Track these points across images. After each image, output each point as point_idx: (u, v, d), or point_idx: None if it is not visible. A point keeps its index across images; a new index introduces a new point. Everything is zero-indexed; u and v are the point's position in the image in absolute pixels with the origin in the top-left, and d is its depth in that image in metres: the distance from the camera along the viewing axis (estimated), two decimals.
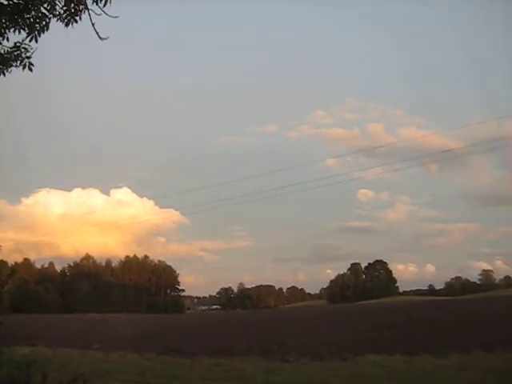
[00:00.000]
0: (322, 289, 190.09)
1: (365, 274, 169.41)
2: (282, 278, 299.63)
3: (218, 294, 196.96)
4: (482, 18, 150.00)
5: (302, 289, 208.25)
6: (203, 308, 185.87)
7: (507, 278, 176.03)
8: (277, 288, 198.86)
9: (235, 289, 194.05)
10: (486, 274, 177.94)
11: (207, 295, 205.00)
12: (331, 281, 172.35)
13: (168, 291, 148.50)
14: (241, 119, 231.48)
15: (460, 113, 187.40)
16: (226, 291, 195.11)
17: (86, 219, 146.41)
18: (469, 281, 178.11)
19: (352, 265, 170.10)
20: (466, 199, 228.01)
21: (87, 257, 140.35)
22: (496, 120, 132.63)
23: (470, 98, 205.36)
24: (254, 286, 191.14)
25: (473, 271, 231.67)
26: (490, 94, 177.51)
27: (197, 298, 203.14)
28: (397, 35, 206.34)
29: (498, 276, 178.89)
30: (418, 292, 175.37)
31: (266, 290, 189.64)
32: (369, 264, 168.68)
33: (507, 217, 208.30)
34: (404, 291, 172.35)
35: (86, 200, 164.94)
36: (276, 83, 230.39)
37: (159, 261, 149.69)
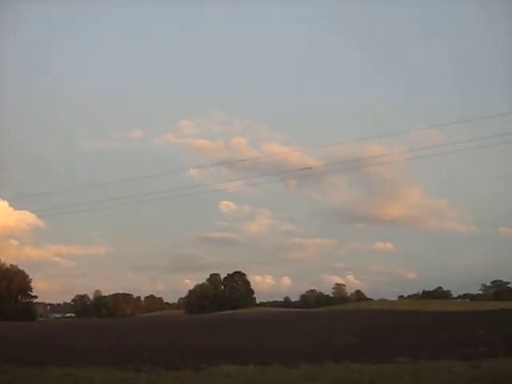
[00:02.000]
0: (181, 298, 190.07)
1: (224, 284, 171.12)
2: (140, 286, 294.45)
3: (72, 301, 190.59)
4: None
5: (160, 298, 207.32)
6: (56, 316, 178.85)
7: (358, 292, 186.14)
8: (135, 296, 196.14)
9: (91, 296, 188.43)
10: (338, 287, 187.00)
11: (61, 302, 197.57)
12: (190, 291, 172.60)
13: (19, 297, 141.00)
14: (105, 123, 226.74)
15: (321, 132, 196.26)
16: (81, 298, 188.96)
17: None
18: (322, 294, 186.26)
19: (211, 275, 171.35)
20: (322, 215, 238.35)
21: None
22: (356, 141, 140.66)
23: (332, 118, 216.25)
24: (111, 293, 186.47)
25: (326, 285, 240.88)
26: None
27: (50, 305, 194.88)
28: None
29: (350, 290, 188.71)
30: (274, 304, 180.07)
31: (123, 299, 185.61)
32: (228, 275, 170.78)
33: (359, 234, 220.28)
34: (261, 302, 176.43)
35: None
36: (145, 90, 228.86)
37: (11, 265, 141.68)
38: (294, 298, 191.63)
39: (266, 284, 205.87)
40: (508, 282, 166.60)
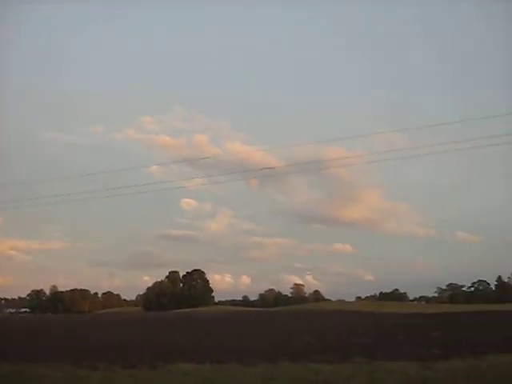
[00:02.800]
0: (139, 295, 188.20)
1: (183, 282, 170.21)
2: (97, 282, 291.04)
3: (28, 296, 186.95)
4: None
5: (118, 294, 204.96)
6: (11, 311, 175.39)
7: (316, 292, 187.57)
8: (92, 292, 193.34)
9: (47, 291, 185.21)
10: (297, 287, 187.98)
11: (16, 297, 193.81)
12: (148, 288, 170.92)
13: None
14: (66, 116, 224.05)
15: (284, 133, 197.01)
16: (37, 293, 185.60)
17: None
18: (281, 293, 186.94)
19: (170, 273, 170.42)
20: (282, 215, 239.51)
21: None
22: (318, 143, 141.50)
23: (295, 119, 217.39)
24: (67, 289, 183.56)
25: (285, 284, 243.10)
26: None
27: (4, 299, 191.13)
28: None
29: (308, 290, 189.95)
30: (233, 302, 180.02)
31: (80, 294, 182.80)
32: (187, 273, 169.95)
33: (319, 235, 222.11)
34: (220, 301, 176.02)
35: None
36: (106, 84, 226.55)
37: None
38: (253, 297, 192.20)
39: (225, 283, 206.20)
40: (463, 286, 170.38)
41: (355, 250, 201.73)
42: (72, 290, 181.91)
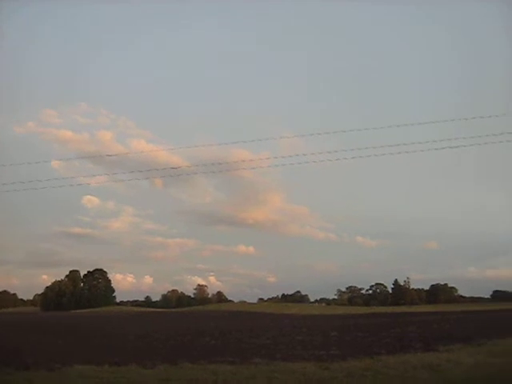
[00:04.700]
0: (37, 295, 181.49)
1: (83, 282, 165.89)
2: None
3: None
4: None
5: (14, 294, 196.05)
6: None
7: (219, 293, 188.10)
8: None
9: None
10: (200, 288, 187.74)
11: None
12: (47, 287, 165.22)
13: None
14: None
15: (189, 133, 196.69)
16: None
17: None
18: (184, 294, 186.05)
19: (71, 272, 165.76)
20: (186, 216, 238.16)
21: None
22: (224, 144, 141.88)
23: (201, 120, 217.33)
24: None
25: (188, 285, 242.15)
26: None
27: None
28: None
29: (211, 291, 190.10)
30: (135, 303, 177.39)
31: None
32: (88, 272, 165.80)
33: (222, 236, 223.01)
34: (121, 301, 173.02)
35: None
36: (6, 73, 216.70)
37: None
38: (156, 298, 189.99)
39: (128, 283, 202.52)
40: (361, 288, 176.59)
41: (258, 251, 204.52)
42: None
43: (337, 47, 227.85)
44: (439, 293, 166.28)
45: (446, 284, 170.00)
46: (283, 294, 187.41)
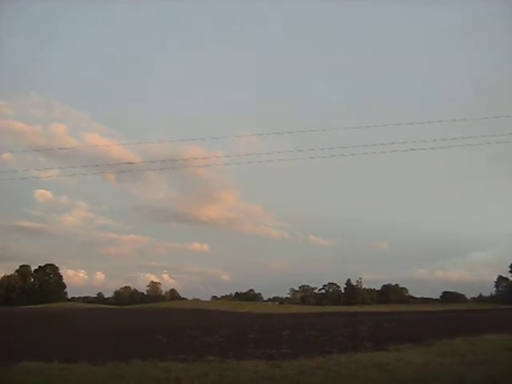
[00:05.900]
0: None
1: (34, 277, 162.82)
2: None
3: None
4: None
5: None
6: None
7: (173, 291, 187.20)
8: None
9: None
10: (153, 285, 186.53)
11: None
12: None
13: None
14: None
15: (144, 128, 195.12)
16: None
17: None
18: (137, 291, 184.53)
19: (21, 267, 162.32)
20: (139, 212, 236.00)
21: None
22: (179, 141, 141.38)
23: (156, 115, 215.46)
24: None
25: (141, 282, 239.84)
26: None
27: None
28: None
29: (165, 288, 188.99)
30: (86, 299, 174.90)
31: None
32: (39, 267, 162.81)
33: (176, 233, 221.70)
34: (73, 297, 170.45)
35: None
36: None
37: None
38: (108, 295, 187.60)
39: (79, 278, 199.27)
40: (314, 288, 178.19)
41: (212, 249, 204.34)
42: None
43: (301, 42, 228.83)
44: (390, 293, 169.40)
45: (397, 285, 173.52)
46: (237, 292, 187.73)
